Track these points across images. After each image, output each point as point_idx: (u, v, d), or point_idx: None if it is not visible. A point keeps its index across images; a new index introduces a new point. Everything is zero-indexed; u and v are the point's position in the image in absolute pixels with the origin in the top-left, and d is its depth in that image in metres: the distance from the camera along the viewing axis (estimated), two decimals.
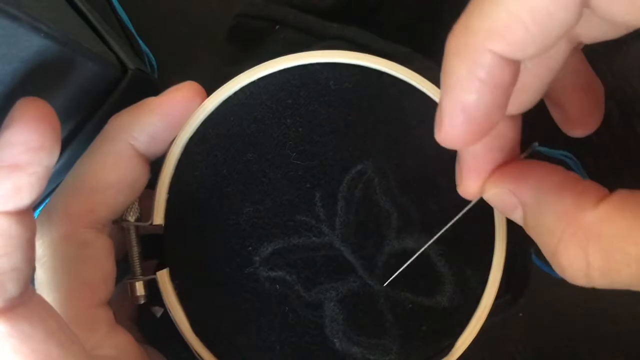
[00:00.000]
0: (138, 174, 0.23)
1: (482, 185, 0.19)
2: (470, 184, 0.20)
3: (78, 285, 0.22)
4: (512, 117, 0.19)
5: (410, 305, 0.23)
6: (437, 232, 0.24)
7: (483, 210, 0.24)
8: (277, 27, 0.29)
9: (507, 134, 0.19)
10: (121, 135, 0.22)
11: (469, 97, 0.15)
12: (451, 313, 0.24)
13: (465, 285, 0.24)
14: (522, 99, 0.18)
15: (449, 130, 0.16)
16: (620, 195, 0.16)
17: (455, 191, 0.23)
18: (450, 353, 0.24)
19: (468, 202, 0.23)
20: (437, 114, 0.16)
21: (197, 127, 0.25)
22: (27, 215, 0.18)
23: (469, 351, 0.23)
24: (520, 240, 0.25)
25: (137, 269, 0.25)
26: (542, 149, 0.22)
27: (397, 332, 0.23)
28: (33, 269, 0.18)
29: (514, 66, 0.15)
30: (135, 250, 0.25)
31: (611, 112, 0.29)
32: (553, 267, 0.17)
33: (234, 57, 0.31)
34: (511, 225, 0.24)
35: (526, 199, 0.18)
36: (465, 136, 0.16)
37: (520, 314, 0.29)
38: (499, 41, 0.14)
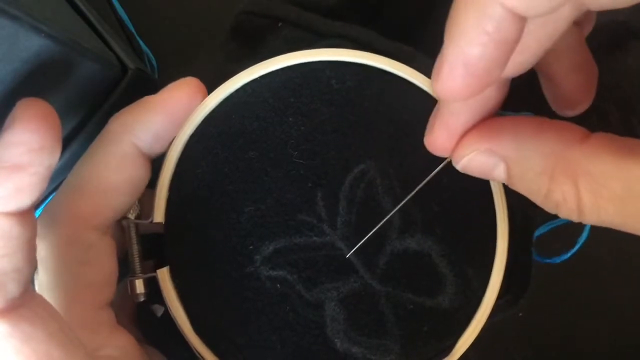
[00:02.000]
0: (141, 174, 0.23)
1: (453, 145, 0.19)
2: (441, 138, 0.19)
3: (82, 288, 0.22)
4: (501, 81, 0.19)
5: (411, 306, 0.23)
6: (439, 233, 0.23)
7: (485, 211, 0.24)
8: (279, 24, 0.29)
9: (492, 97, 0.19)
10: (124, 135, 0.22)
11: (473, 49, 0.14)
12: (452, 314, 0.23)
13: (467, 287, 0.23)
14: (517, 61, 0.17)
15: (447, 81, 0.15)
16: (604, 135, 0.16)
17: (458, 192, 0.23)
18: (451, 354, 0.23)
19: (472, 206, 0.23)
20: (437, 64, 0.16)
21: (198, 124, 0.24)
22: (28, 216, 0.18)
23: (468, 351, 0.23)
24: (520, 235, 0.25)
25: (137, 266, 0.24)
26: (506, 112, 0.22)
27: (399, 333, 0.23)
28: (34, 270, 0.18)
29: (521, 23, 0.15)
30: (135, 248, 0.25)
31: (610, 111, 0.29)
32: (547, 208, 0.17)
33: (236, 55, 0.30)
34: (512, 222, 0.24)
35: (508, 151, 0.17)
36: (462, 89, 0.15)
37: (520, 314, 0.28)
38: None
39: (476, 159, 0.18)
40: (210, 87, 0.25)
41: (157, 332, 0.25)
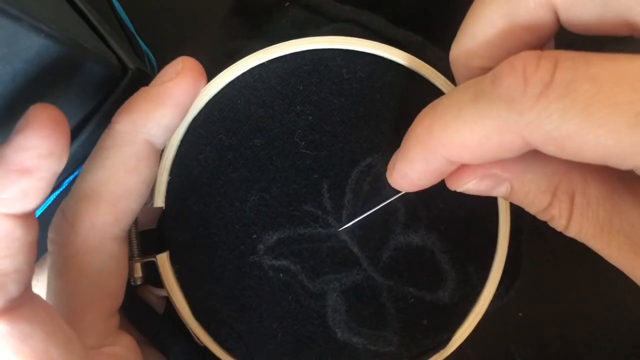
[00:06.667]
0: (155, 169, 0.23)
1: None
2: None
3: (102, 296, 0.22)
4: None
5: (412, 300, 0.24)
6: (443, 230, 0.23)
7: (489, 211, 0.24)
8: (287, 4, 0.28)
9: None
10: (137, 135, 0.22)
11: (415, 175, 0.19)
12: (451, 308, 0.24)
13: (467, 283, 0.24)
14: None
15: (394, 183, 0.20)
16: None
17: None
18: (448, 346, 0.24)
19: (477, 205, 0.23)
20: (392, 162, 0.20)
21: (201, 108, 0.24)
22: (30, 219, 0.18)
23: (469, 350, 0.23)
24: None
25: (135, 249, 0.24)
26: None
27: (398, 325, 0.24)
28: (33, 271, 0.19)
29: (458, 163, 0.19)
30: (133, 231, 0.24)
31: None
32: (539, 217, 0.19)
33: (238, 32, 0.29)
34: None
35: (515, 174, 0.19)
36: (408, 190, 0.20)
37: (520, 314, 0.29)
38: (452, 154, 0.17)
39: (481, 183, 0.19)
40: (211, 65, 0.24)
41: (158, 330, 0.24)
